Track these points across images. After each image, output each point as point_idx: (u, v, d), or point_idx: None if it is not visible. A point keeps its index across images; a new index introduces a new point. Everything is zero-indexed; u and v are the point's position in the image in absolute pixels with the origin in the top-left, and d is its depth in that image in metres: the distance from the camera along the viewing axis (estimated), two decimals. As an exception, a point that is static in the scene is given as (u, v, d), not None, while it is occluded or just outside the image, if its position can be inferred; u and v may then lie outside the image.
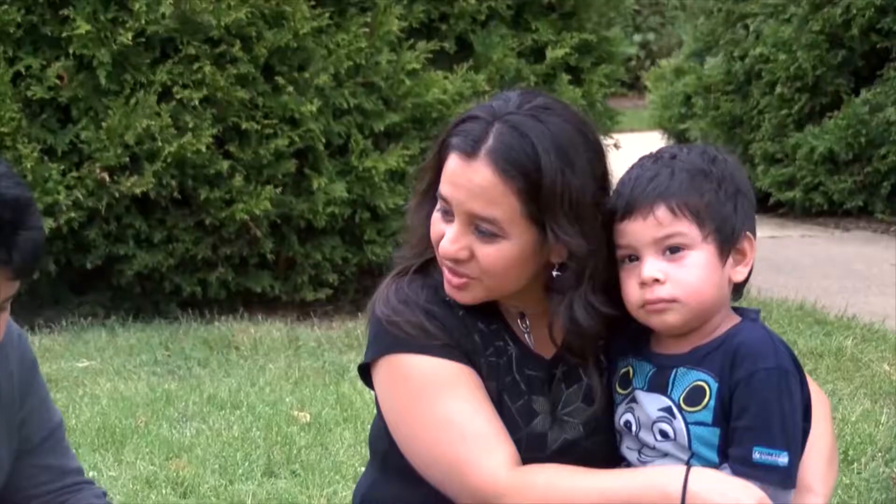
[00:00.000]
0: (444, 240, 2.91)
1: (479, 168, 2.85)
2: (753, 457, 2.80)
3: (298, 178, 7.98)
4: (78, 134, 7.64)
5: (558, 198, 2.83)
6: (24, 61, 7.58)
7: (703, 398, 2.84)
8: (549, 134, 2.85)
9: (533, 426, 3.00)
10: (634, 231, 2.86)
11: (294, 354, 7.15)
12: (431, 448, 2.96)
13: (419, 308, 2.97)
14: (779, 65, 11.79)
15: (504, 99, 2.90)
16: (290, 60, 7.89)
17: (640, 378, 2.94)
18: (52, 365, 6.70)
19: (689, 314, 2.85)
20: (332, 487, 4.98)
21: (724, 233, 2.85)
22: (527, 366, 3.02)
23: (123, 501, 4.84)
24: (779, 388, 2.81)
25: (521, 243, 2.88)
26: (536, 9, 8.91)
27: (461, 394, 2.94)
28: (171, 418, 5.95)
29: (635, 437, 2.94)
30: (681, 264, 2.84)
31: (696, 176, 2.86)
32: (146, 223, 7.80)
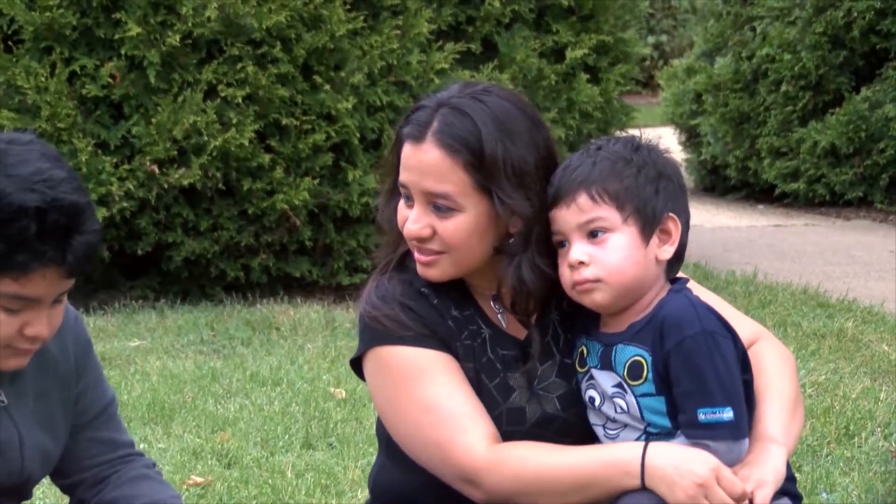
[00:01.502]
0: (408, 221, 2.97)
1: (428, 149, 2.92)
2: (699, 418, 2.83)
3: (335, 171, 7.98)
4: (129, 129, 7.66)
5: (500, 165, 2.90)
6: (80, 61, 7.59)
7: (642, 371, 2.88)
8: (487, 111, 2.92)
9: (511, 401, 3.02)
10: (562, 218, 2.91)
11: (331, 335, 7.15)
12: (416, 432, 2.99)
13: (396, 302, 3.00)
14: (784, 64, 11.77)
15: (448, 89, 2.99)
16: (327, 61, 7.89)
17: (593, 357, 2.97)
18: (105, 344, 6.71)
19: (614, 292, 2.89)
20: (366, 459, 4.97)
21: (645, 215, 2.89)
22: (500, 345, 3.05)
23: (172, 472, 4.84)
24: (707, 350, 2.84)
25: (475, 214, 2.93)
26: (557, 12, 8.90)
27: (439, 379, 2.97)
28: (217, 394, 5.96)
29: (599, 411, 2.97)
30: (603, 247, 2.88)
31: (617, 163, 2.90)
32: (193, 212, 7.81)
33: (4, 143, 2.77)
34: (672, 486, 2.79)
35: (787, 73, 11.77)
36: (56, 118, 7.43)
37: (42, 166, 2.74)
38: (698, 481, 2.78)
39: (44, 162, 2.75)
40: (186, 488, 4.68)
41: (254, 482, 4.76)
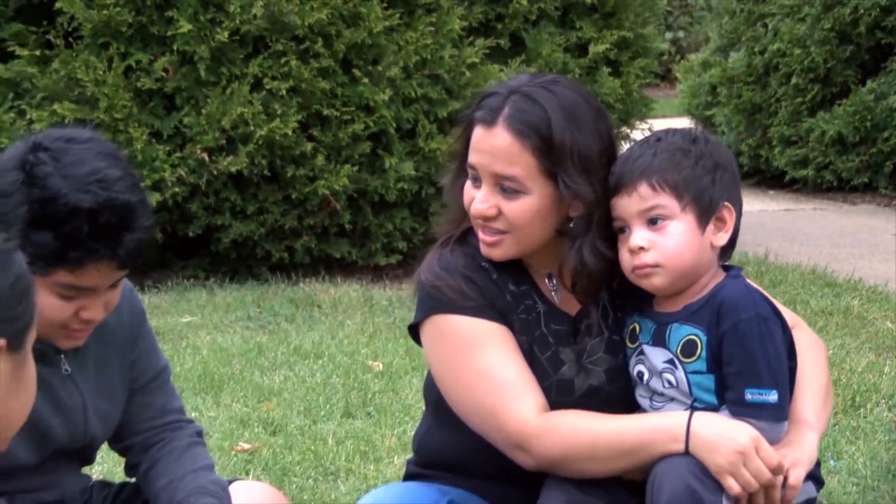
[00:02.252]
0: (475, 201, 2.96)
1: (499, 133, 2.91)
2: (746, 398, 2.83)
3: (372, 158, 7.98)
4: (181, 119, 7.67)
5: (568, 152, 2.88)
6: (135, 56, 7.60)
7: (696, 350, 2.88)
8: (556, 99, 2.91)
9: (561, 373, 3.02)
10: (623, 205, 2.90)
11: (368, 312, 7.16)
12: (470, 397, 2.98)
13: (458, 273, 3.00)
14: (794, 58, 11.73)
15: (518, 78, 2.98)
16: (366, 55, 7.88)
17: (645, 334, 2.97)
18: (159, 320, 6.73)
19: (672, 276, 2.88)
20: (402, 427, 4.98)
21: (702, 203, 2.88)
22: (553, 321, 3.04)
23: (221, 439, 4.85)
24: (760, 334, 2.84)
25: (540, 197, 2.91)
26: (581, 9, 8.89)
27: (495, 349, 2.97)
28: (262, 366, 5.97)
29: (647, 386, 2.97)
30: (662, 233, 2.87)
31: (676, 154, 2.89)
32: (240, 197, 7.82)
33: (63, 143, 2.76)
34: (713, 452, 2.78)
35: (797, 67, 11.73)
36: (113, 109, 7.44)
37: (98, 166, 2.72)
38: (739, 449, 2.77)
39: (100, 161, 2.74)
40: (235, 454, 4.70)
41: (297, 448, 4.77)
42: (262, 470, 4.53)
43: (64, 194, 2.68)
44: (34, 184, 2.70)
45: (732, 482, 2.78)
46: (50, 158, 2.72)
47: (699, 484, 2.78)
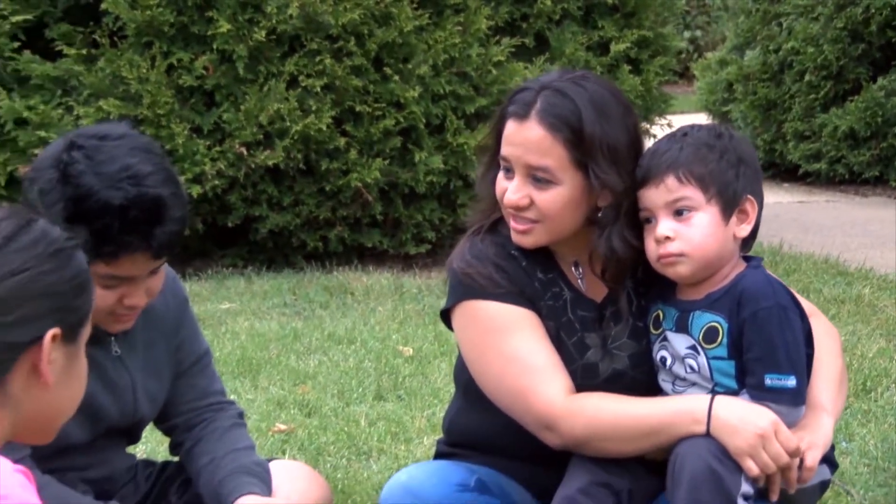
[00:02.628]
0: (508, 192, 2.95)
1: (532, 126, 2.91)
2: (766, 383, 2.83)
3: (403, 152, 7.98)
4: (221, 115, 7.69)
5: (597, 144, 2.88)
6: (176, 55, 7.62)
7: (717, 336, 2.88)
8: (586, 94, 2.91)
9: (587, 358, 3.02)
10: (650, 196, 2.90)
11: (399, 299, 7.16)
12: (500, 380, 2.98)
13: (489, 261, 3.00)
14: (808, 56, 11.68)
15: (548, 74, 2.99)
16: (396, 54, 7.88)
17: (668, 320, 2.96)
18: (199, 307, 6.76)
19: (696, 265, 2.88)
20: (431, 409, 4.99)
21: (726, 196, 2.88)
22: (580, 307, 3.04)
23: (259, 420, 4.87)
24: (779, 322, 2.84)
25: (571, 187, 2.92)
26: (602, 9, 8.87)
27: (524, 334, 2.97)
28: (298, 351, 5.99)
29: (669, 371, 2.97)
30: (688, 224, 2.87)
31: (701, 148, 2.89)
32: (277, 189, 7.84)
33: (97, 140, 2.76)
34: (734, 435, 2.78)
35: (811, 65, 11.68)
36: (156, 106, 7.47)
37: (129, 162, 2.72)
38: (759, 432, 2.77)
39: (132, 157, 2.74)
40: (272, 434, 4.71)
41: (331, 429, 4.78)
42: (297, 450, 4.54)
43: (96, 192, 2.68)
44: (68, 182, 2.70)
45: (752, 464, 2.78)
46: (83, 157, 2.72)
47: (719, 465, 2.78)
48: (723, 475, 2.78)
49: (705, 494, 2.78)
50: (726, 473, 2.78)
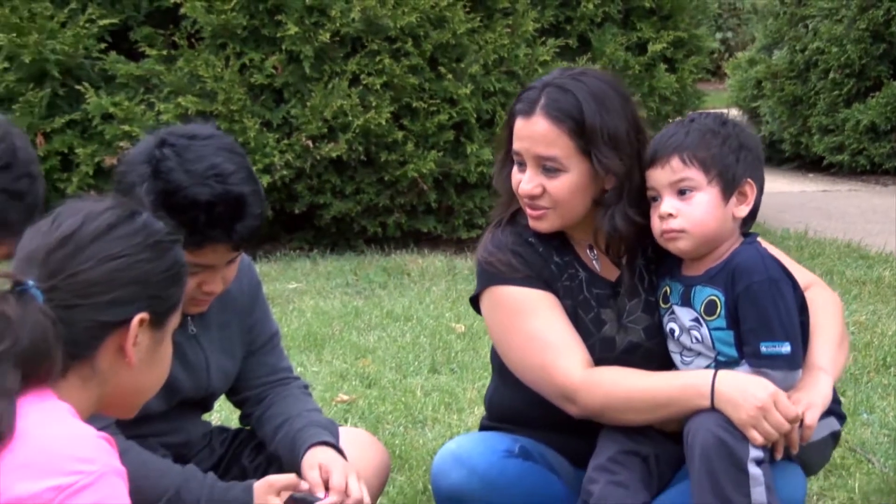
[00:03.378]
0: (521, 183, 2.98)
1: (537, 120, 2.93)
2: (762, 350, 2.84)
3: (456, 145, 7.97)
4: (289, 111, 7.70)
5: (598, 132, 2.90)
6: (248, 55, 7.64)
7: (716, 309, 2.89)
8: (586, 88, 2.93)
9: (603, 332, 3.03)
10: (656, 176, 2.92)
11: (452, 280, 7.16)
12: (523, 357, 3.00)
13: (508, 249, 3.02)
14: (832, 56, 11.60)
15: (551, 73, 3.00)
16: (450, 54, 7.87)
17: (675, 295, 2.97)
18: (269, 286, 6.78)
19: (695, 241, 2.89)
20: (481, 382, 4.98)
21: (726, 178, 2.89)
22: (595, 286, 3.06)
23: (323, 391, 4.88)
24: (771, 294, 2.84)
25: (578, 174, 2.93)
26: (641, 12, 8.82)
27: (543, 314, 2.99)
28: (359, 328, 6.00)
29: (677, 341, 2.98)
30: (689, 203, 2.88)
31: (706, 134, 2.90)
32: (340, 179, 7.85)
33: (186, 139, 2.77)
34: (737, 408, 2.78)
35: (835, 63, 11.60)
36: (230, 102, 7.49)
37: (215, 161, 2.74)
38: (758, 404, 2.77)
39: (218, 156, 2.75)
40: (335, 404, 4.72)
41: (390, 400, 4.78)
42: (358, 418, 4.55)
43: (185, 188, 2.70)
44: (159, 177, 2.72)
45: (755, 434, 2.78)
46: (174, 154, 2.74)
47: (728, 435, 2.79)
48: (731, 444, 2.79)
49: (717, 463, 2.79)
50: (734, 442, 2.79)
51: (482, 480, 3.04)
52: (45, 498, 1.82)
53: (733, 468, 2.77)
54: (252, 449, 3.23)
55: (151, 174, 2.72)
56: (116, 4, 7.77)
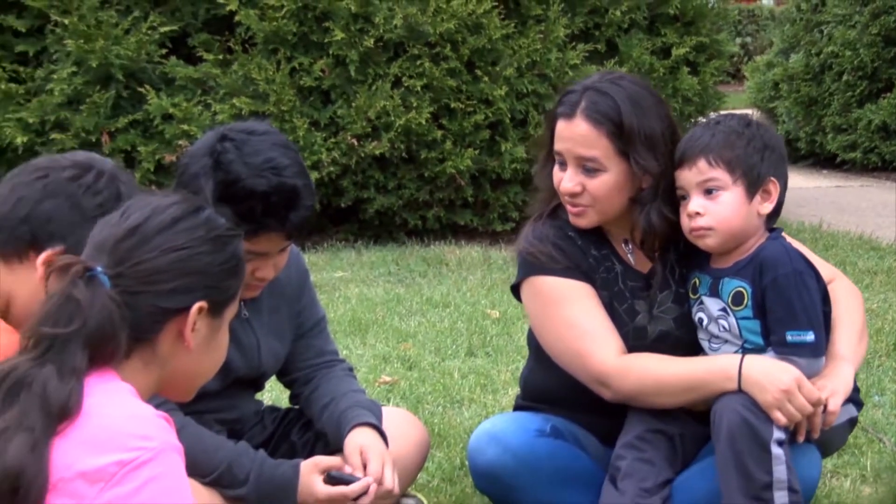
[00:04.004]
0: (563, 181, 2.97)
1: (579, 123, 2.91)
2: (787, 339, 2.82)
3: (491, 143, 7.95)
4: (335, 111, 7.71)
5: (636, 134, 2.88)
6: (298, 60, 7.65)
7: (743, 300, 2.87)
8: (624, 92, 2.91)
9: (636, 322, 3.02)
10: (684, 177, 2.90)
11: (487, 269, 7.15)
12: (560, 343, 3.00)
13: (549, 242, 3.01)
14: (846, 59, 11.50)
15: (590, 77, 2.99)
16: (486, 58, 7.85)
17: (703, 286, 2.96)
18: (317, 275, 6.79)
19: (722, 237, 2.88)
20: (515, 364, 4.97)
21: (751, 178, 2.86)
22: (629, 278, 3.04)
23: (367, 373, 4.88)
24: (796, 285, 2.82)
25: (616, 173, 2.92)
26: (665, 18, 8.77)
27: (581, 303, 2.97)
28: (400, 313, 5.99)
29: (706, 330, 2.96)
30: (716, 201, 2.86)
31: (731, 135, 2.87)
32: (383, 175, 7.85)
33: (245, 134, 2.80)
34: (762, 390, 2.76)
35: (848, 66, 11.50)
36: (280, 103, 7.51)
37: (272, 155, 2.76)
38: (783, 387, 2.76)
39: (274, 151, 2.77)
40: (378, 385, 4.72)
41: (429, 381, 4.78)
42: (400, 398, 4.55)
43: (243, 179, 2.72)
44: (220, 168, 2.74)
45: (779, 415, 2.77)
46: (234, 148, 2.76)
47: (753, 416, 2.78)
48: (756, 425, 2.78)
49: (743, 443, 2.78)
50: (759, 423, 2.78)
51: (515, 457, 3.04)
52: (108, 472, 1.84)
53: (757, 447, 2.76)
54: (301, 426, 3.24)
55: (213, 166, 2.73)
56: (176, 13, 7.79)
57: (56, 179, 2.31)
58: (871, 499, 3.42)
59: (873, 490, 3.52)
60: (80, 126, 7.49)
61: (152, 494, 1.85)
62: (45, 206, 2.28)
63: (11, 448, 1.80)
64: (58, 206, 2.27)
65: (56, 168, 2.34)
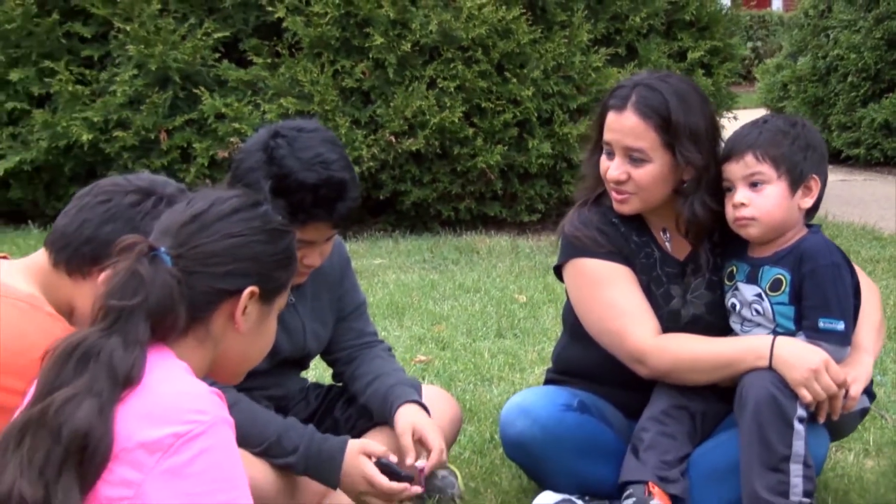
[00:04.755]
0: (610, 169, 2.94)
1: (629, 116, 2.89)
2: (819, 325, 2.81)
3: (519, 140, 7.93)
4: (375, 111, 7.70)
5: (682, 128, 2.85)
6: (341, 63, 7.65)
7: (781, 286, 2.85)
8: (672, 89, 2.88)
9: (671, 306, 3.00)
10: (732, 170, 2.88)
11: (515, 257, 7.13)
12: (600, 322, 2.97)
13: (594, 227, 2.99)
14: (850, 62, 11.41)
15: (640, 74, 2.98)
16: (514, 61, 7.82)
17: (741, 273, 2.93)
18: (357, 262, 6.78)
19: (764, 228, 2.86)
20: (541, 345, 4.96)
21: (794, 174, 2.84)
22: (666, 265, 3.01)
23: (403, 352, 4.88)
24: (833, 277, 2.81)
25: (660, 165, 2.89)
26: (681, 24, 8.72)
27: (621, 285, 2.95)
28: (435, 298, 5.99)
29: (738, 314, 2.94)
30: (760, 194, 2.84)
31: (777, 134, 2.85)
32: (418, 169, 7.84)
33: (296, 132, 2.81)
34: (791, 369, 2.75)
35: (853, 68, 11.41)
36: (324, 103, 7.51)
37: (321, 150, 2.77)
38: (812, 367, 2.74)
39: (322, 146, 2.78)
40: (414, 364, 4.72)
41: (461, 361, 4.77)
42: (434, 376, 4.54)
43: (295, 172, 2.72)
44: (273, 163, 2.75)
45: (805, 393, 2.75)
46: (286, 144, 2.77)
47: (779, 392, 2.77)
48: (782, 401, 2.77)
49: (767, 416, 2.77)
50: (784, 400, 2.77)
51: (543, 429, 3.03)
52: (165, 443, 1.86)
53: (781, 422, 2.75)
54: (343, 403, 3.25)
55: (266, 160, 2.74)
56: (228, 19, 7.81)
57: (118, 204, 2.36)
58: (874, 471, 3.39)
59: (875, 463, 3.49)
60: (141, 124, 7.53)
61: (205, 464, 1.87)
62: (105, 230, 2.33)
63: (81, 411, 1.84)
64: (117, 230, 2.31)
65: (119, 193, 2.39)
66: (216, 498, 1.86)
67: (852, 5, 11.60)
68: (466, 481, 3.32)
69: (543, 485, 3.11)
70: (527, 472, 3.20)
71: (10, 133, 7.87)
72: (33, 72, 7.74)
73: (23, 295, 2.28)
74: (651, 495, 2.86)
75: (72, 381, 1.89)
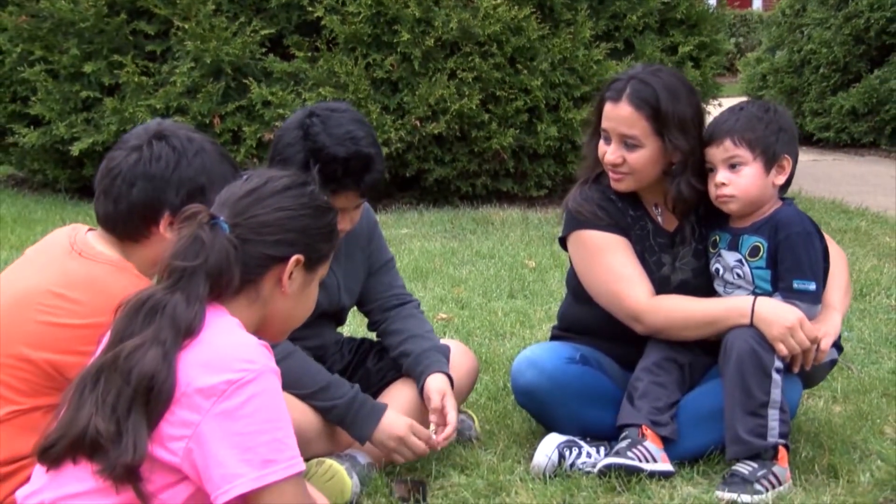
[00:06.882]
0: (607, 154, 2.95)
1: (623, 106, 2.89)
2: (794, 286, 2.82)
3: (529, 125, 7.88)
4: (402, 99, 7.67)
5: (671, 118, 2.85)
6: (371, 56, 7.61)
7: (759, 252, 2.85)
8: (662, 82, 2.87)
9: (662, 272, 3.00)
10: (712, 153, 2.88)
11: (525, 227, 7.12)
12: (601, 285, 2.98)
13: (594, 202, 3.00)
14: (822, 55, 11.32)
15: (634, 68, 2.95)
16: (525, 55, 7.77)
17: (723, 242, 2.94)
18: (386, 231, 6.72)
19: (742, 203, 2.86)
20: (548, 305, 4.95)
21: (768, 155, 2.85)
22: (658, 236, 3.02)
23: (427, 310, 4.87)
24: (805, 243, 2.82)
25: (652, 150, 2.89)
26: (673, 22, 8.64)
27: (618, 253, 2.95)
28: (455, 263, 5.98)
29: (721, 278, 2.95)
30: (739, 175, 2.85)
31: (752, 120, 2.85)
32: (440, 150, 7.81)
33: (329, 112, 2.82)
34: (770, 326, 2.76)
35: (824, 61, 11.32)
36: (357, 91, 7.48)
37: (350, 128, 2.77)
38: (787, 324, 2.75)
39: (352, 125, 2.79)
40: (436, 321, 4.72)
41: (478, 318, 4.77)
42: (454, 332, 4.55)
43: (328, 147, 2.73)
44: (308, 138, 2.75)
45: (782, 347, 2.76)
46: (319, 122, 2.77)
47: (759, 346, 2.78)
48: (761, 354, 2.77)
49: (748, 367, 2.78)
50: (763, 353, 2.77)
51: (550, 379, 3.04)
52: (219, 389, 1.87)
53: (760, 372, 2.76)
54: (375, 355, 3.24)
55: (303, 136, 2.76)
56: (273, 18, 7.78)
57: (130, 170, 2.39)
58: (841, 415, 3.38)
59: (842, 408, 3.48)
60: (197, 111, 7.53)
61: (255, 407, 1.88)
62: (134, 193, 2.33)
63: (148, 357, 1.87)
64: (143, 188, 2.34)
65: (120, 158, 2.42)
66: (264, 437, 1.87)
67: (824, 5, 11.51)
68: (482, 424, 3.33)
69: (550, 428, 3.11)
70: (535, 417, 3.20)
71: (84, 118, 7.90)
72: (104, 65, 7.75)
73: (114, 259, 2.30)
74: (644, 437, 2.87)
75: (140, 331, 1.91)
